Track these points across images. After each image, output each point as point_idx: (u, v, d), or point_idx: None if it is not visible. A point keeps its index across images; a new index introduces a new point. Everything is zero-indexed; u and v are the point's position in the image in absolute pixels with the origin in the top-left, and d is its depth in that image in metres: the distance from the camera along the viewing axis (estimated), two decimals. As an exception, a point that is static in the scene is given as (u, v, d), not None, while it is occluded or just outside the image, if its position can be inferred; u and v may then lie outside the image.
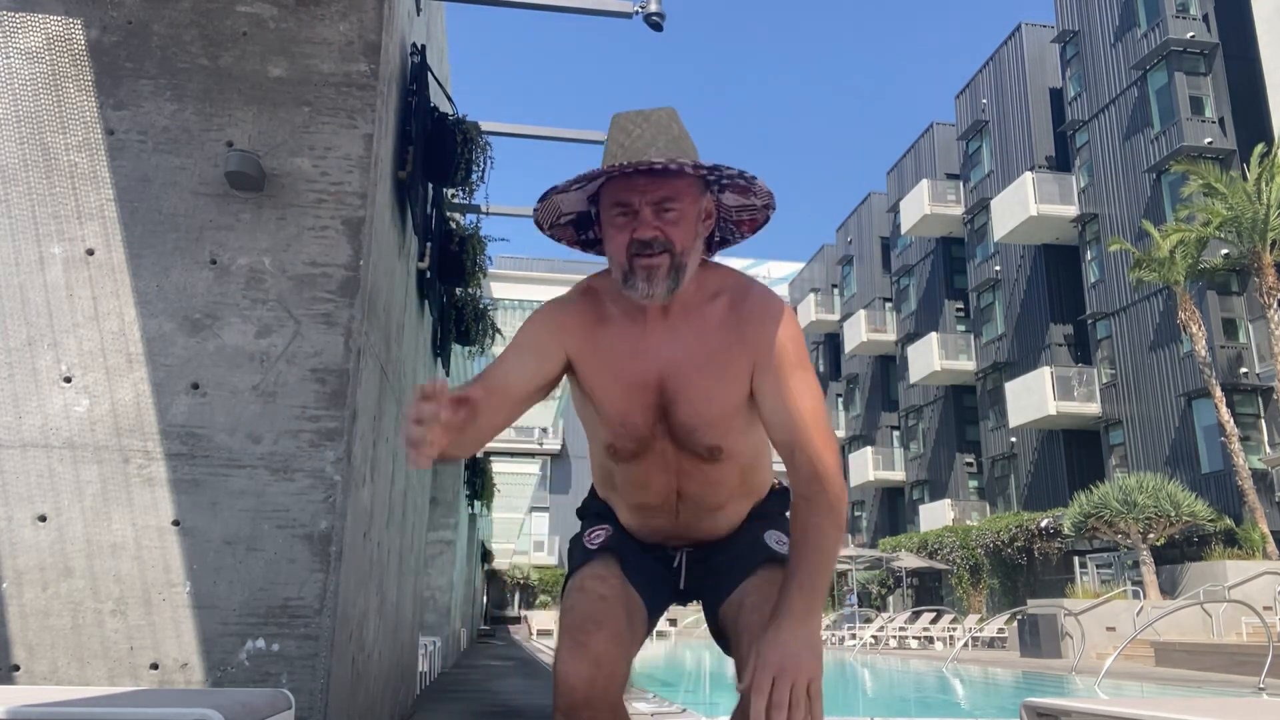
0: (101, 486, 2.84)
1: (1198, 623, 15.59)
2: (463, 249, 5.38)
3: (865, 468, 36.99)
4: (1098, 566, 23.47)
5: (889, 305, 38.89)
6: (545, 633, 35.30)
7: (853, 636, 23.18)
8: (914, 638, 22.43)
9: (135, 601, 2.77)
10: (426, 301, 5.09)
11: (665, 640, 30.19)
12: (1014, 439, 29.19)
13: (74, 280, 2.97)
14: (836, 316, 42.79)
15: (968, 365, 32.03)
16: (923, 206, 32.94)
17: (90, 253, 2.98)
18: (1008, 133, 30.58)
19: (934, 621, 23.14)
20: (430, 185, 4.68)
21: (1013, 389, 27.40)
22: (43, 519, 2.81)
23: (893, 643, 22.39)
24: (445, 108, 4.81)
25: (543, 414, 12.12)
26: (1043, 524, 24.72)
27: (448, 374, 6.62)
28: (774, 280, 49.87)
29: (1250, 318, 22.08)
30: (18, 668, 2.72)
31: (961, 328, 33.36)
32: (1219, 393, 19.42)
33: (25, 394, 2.88)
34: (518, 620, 39.31)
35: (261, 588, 2.79)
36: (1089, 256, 26.96)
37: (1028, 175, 27.31)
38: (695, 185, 1.67)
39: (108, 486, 2.84)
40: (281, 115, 3.14)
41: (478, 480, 13.67)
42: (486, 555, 28.00)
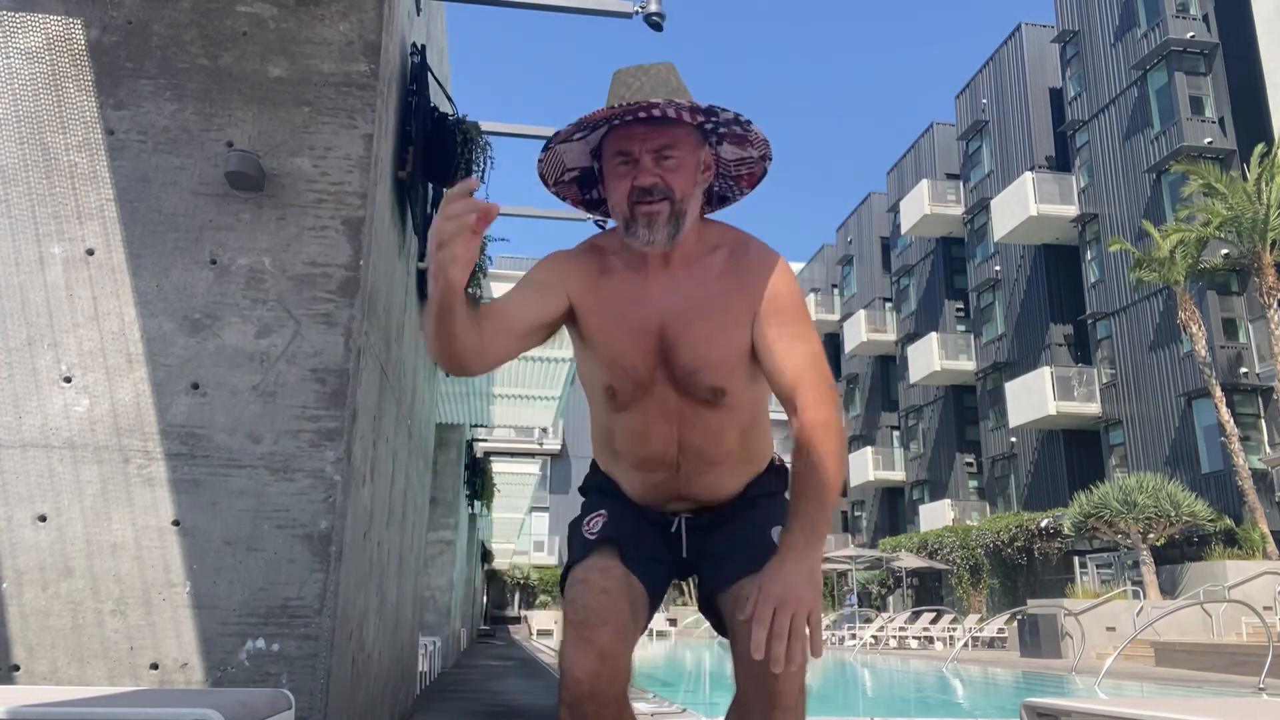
0: (101, 486, 2.84)
1: (1198, 623, 15.60)
2: (463, 249, 5.37)
3: (865, 468, 36.99)
4: (1098, 566, 23.47)
5: (889, 305, 38.89)
6: (545, 633, 35.30)
7: (853, 636, 23.18)
8: (914, 638, 22.43)
9: (135, 601, 2.77)
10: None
11: (665, 640, 30.18)
12: (1014, 439, 29.19)
13: (74, 280, 2.97)
14: (836, 316, 42.79)
15: (968, 365, 32.03)
16: (923, 206, 32.94)
17: (90, 253, 2.98)
18: (1008, 133, 30.58)
19: (934, 621, 23.14)
20: (430, 185, 4.68)
21: (1013, 389, 27.40)
22: (43, 519, 2.81)
23: (893, 643, 22.40)
24: (445, 108, 4.81)
25: (543, 414, 12.10)
26: (1043, 524, 24.72)
27: (447, 374, 6.62)
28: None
29: (1250, 318, 22.08)
30: (18, 668, 2.72)
31: (961, 328, 33.37)
32: (1219, 393, 19.42)
33: (25, 394, 2.88)
34: (518, 620, 39.32)
35: (261, 588, 2.79)
36: (1089, 256, 26.97)
37: (1028, 175, 27.31)
38: (693, 135, 1.73)
39: (108, 486, 2.84)
40: (281, 115, 3.14)
41: (478, 480, 13.67)
42: (486, 555, 28.03)
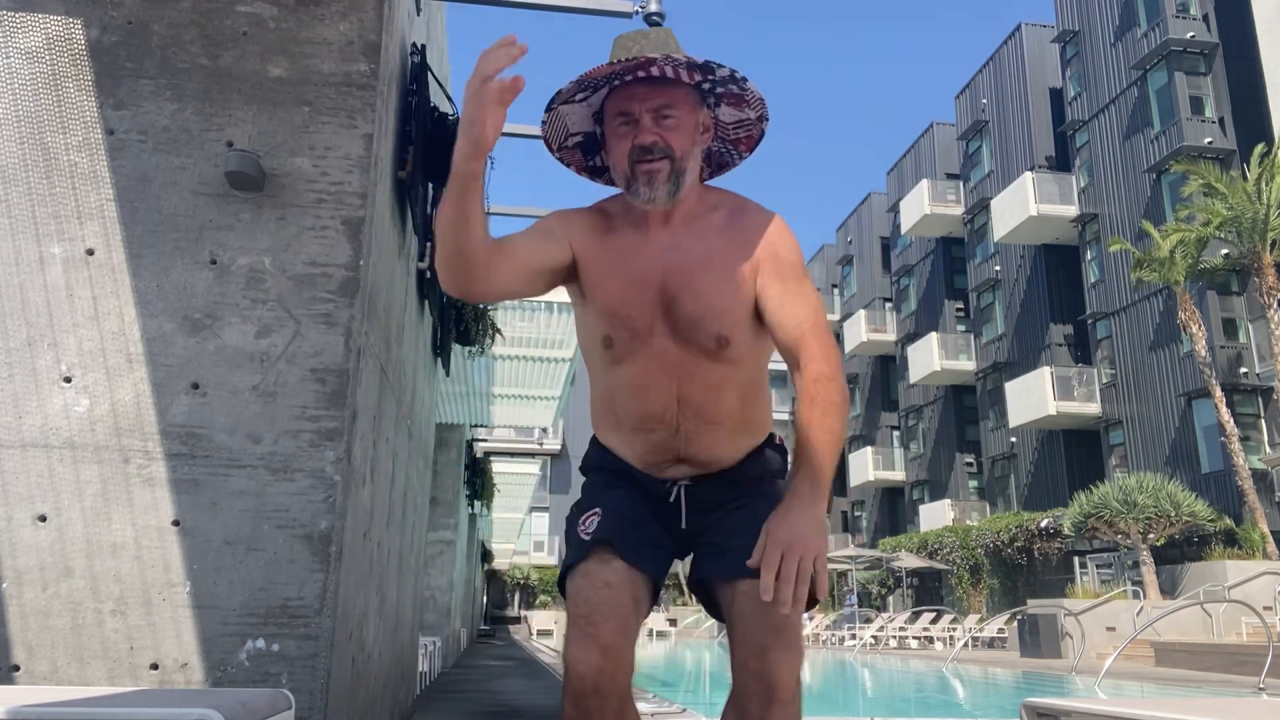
0: (101, 486, 2.84)
1: (1198, 623, 15.60)
2: (463, 249, 5.37)
3: (865, 468, 36.99)
4: (1098, 566, 23.47)
5: (889, 305, 38.90)
6: (545, 633, 35.30)
7: (853, 636, 23.18)
8: (914, 638, 22.43)
9: (135, 601, 2.77)
10: (426, 301, 5.10)
11: (665, 640, 30.18)
12: (1014, 439, 29.20)
13: (74, 280, 2.97)
14: (836, 316, 42.79)
15: (968, 365, 32.03)
16: (923, 206, 32.95)
17: (90, 253, 2.98)
18: (1008, 133, 30.59)
19: (934, 621, 23.14)
20: (430, 185, 4.68)
21: (1013, 389, 27.41)
22: (43, 519, 2.81)
23: (893, 643, 22.39)
24: (445, 108, 4.81)
25: (543, 414, 12.11)
26: (1043, 524, 24.73)
27: (448, 374, 6.63)
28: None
29: (1250, 318, 22.08)
30: (18, 668, 2.72)
31: (961, 328, 33.37)
32: (1219, 393, 19.43)
33: (25, 394, 2.88)
34: (518, 620, 39.33)
35: (261, 588, 2.79)
36: (1089, 256, 26.97)
37: (1028, 175, 27.32)
38: (691, 95, 1.78)
39: (108, 486, 2.84)
40: (281, 115, 3.14)
41: (478, 480, 13.67)
42: (486, 555, 28.03)
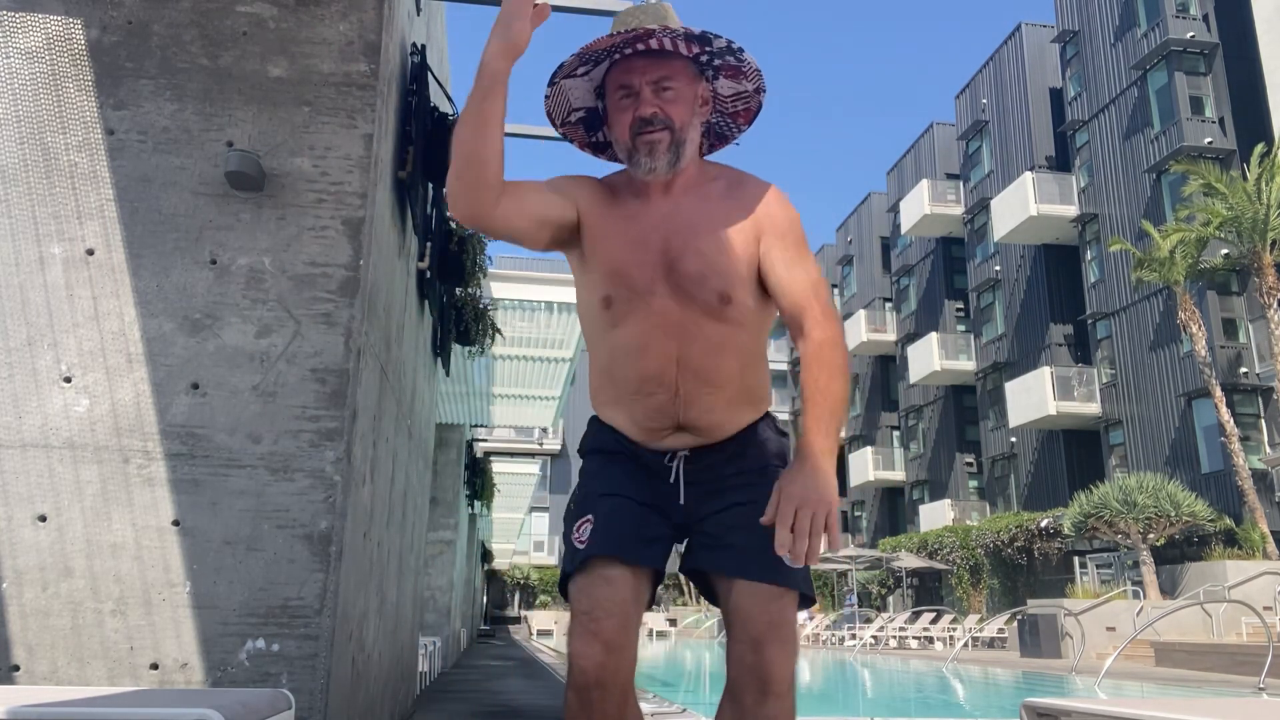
0: (101, 486, 2.84)
1: (1198, 623, 15.60)
2: (463, 249, 5.38)
3: (865, 468, 36.98)
4: (1098, 566, 23.46)
5: (889, 305, 38.89)
6: (545, 633, 35.31)
7: (853, 636, 23.18)
8: (914, 638, 22.42)
9: (135, 601, 2.77)
10: (426, 301, 5.10)
11: (665, 640, 30.18)
12: (1014, 439, 29.19)
13: (74, 280, 2.97)
14: (836, 316, 42.74)
15: (968, 365, 32.03)
16: (923, 206, 32.94)
17: (90, 253, 2.98)
18: (1008, 133, 30.59)
19: (934, 622, 23.13)
20: (430, 185, 4.68)
21: (1013, 389, 27.40)
22: (43, 519, 2.81)
23: (893, 643, 22.39)
24: (445, 108, 4.81)
25: (543, 414, 12.12)
26: (1043, 524, 24.72)
27: (448, 374, 6.63)
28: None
29: (1250, 318, 22.08)
30: (18, 668, 2.72)
31: (961, 328, 33.36)
32: (1219, 393, 19.42)
33: (25, 394, 2.88)
34: (518, 620, 39.34)
35: (261, 588, 2.79)
36: (1089, 256, 26.97)
37: (1028, 175, 27.31)
38: (690, 68, 1.83)
39: (108, 486, 2.84)
40: (281, 115, 3.14)
41: (478, 480, 13.67)
42: (486, 555, 28.02)
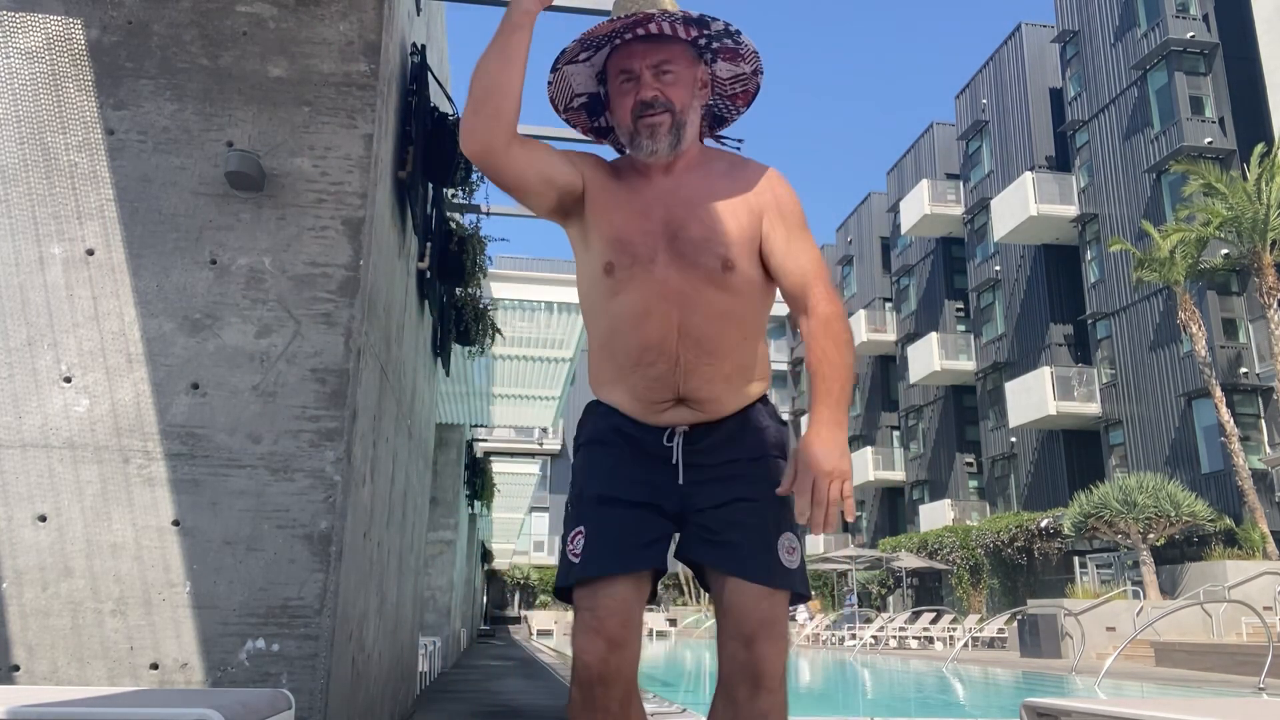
0: (101, 486, 2.84)
1: (1198, 623, 15.59)
2: (463, 249, 5.38)
3: (865, 468, 36.96)
4: (1098, 566, 23.46)
5: (889, 305, 38.88)
6: (545, 633, 35.30)
7: (853, 636, 23.17)
8: (914, 638, 22.42)
9: (135, 601, 2.77)
10: (426, 301, 5.10)
11: (665, 640, 30.18)
12: (1014, 439, 29.19)
13: (74, 280, 2.97)
14: (836, 316, 42.72)
15: (968, 365, 32.02)
16: (923, 206, 32.94)
17: (90, 253, 2.98)
18: (1008, 133, 30.58)
19: (934, 621, 23.13)
20: (430, 185, 4.68)
21: (1013, 389, 27.40)
22: (43, 519, 2.81)
23: (893, 643, 22.39)
24: (445, 108, 4.81)
25: (543, 414, 12.12)
26: (1043, 524, 24.72)
27: (448, 374, 6.63)
28: (774, 280, 49.76)
29: (1250, 318, 22.08)
30: (18, 668, 2.72)
31: (961, 328, 33.36)
32: (1219, 393, 19.42)
33: (25, 394, 2.88)
34: (518, 620, 39.34)
35: (261, 588, 2.79)
36: (1089, 256, 26.97)
37: (1028, 175, 27.31)
38: (689, 52, 1.88)
39: (108, 486, 2.84)
40: (281, 115, 3.14)
41: (478, 480, 13.67)
42: (486, 555, 28.02)
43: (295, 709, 2.50)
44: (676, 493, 1.82)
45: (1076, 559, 24.15)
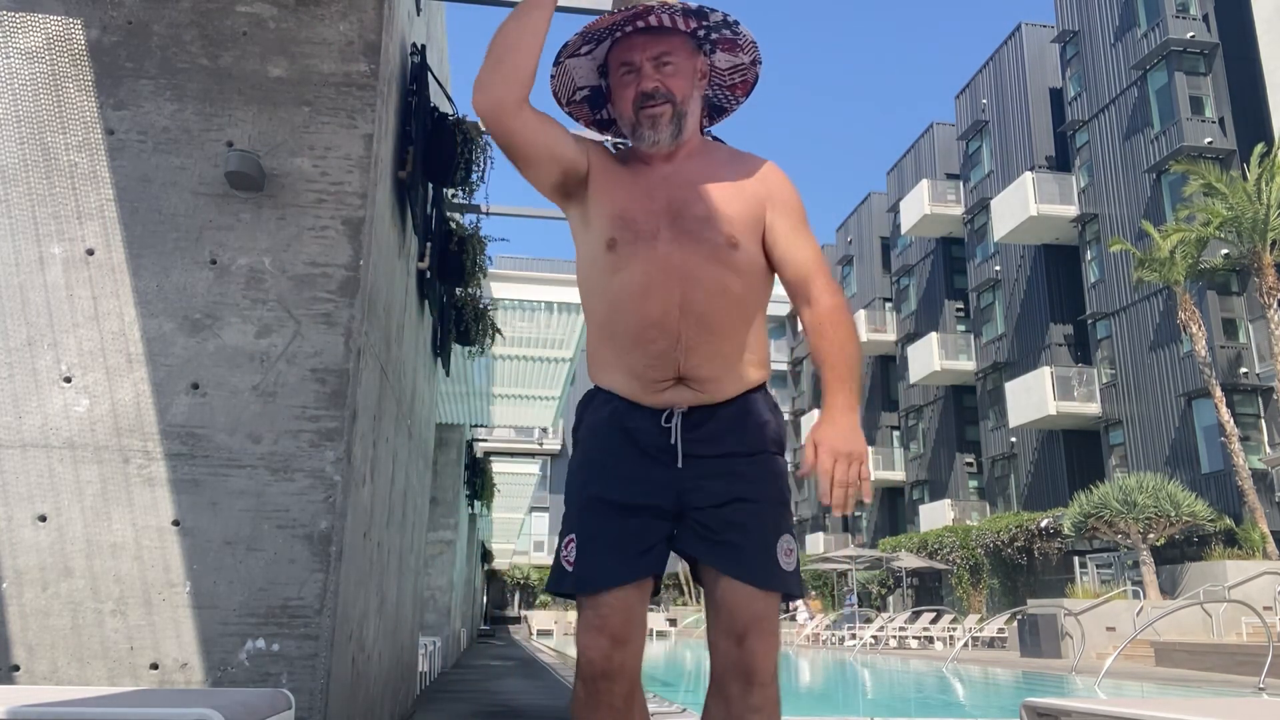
0: (101, 486, 2.84)
1: (1198, 623, 15.59)
2: (463, 249, 5.38)
3: (865, 468, 36.89)
4: (1098, 566, 23.46)
5: (889, 305, 38.88)
6: (545, 632, 35.31)
7: (853, 636, 23.17)
8: (914, 638, 22.42)
9: (135, 601, 2.77)
10: (426, 301, 5.10)
11: (665, 640, 30.18)
12: (1014, 439, 29.19)
13: (74, 280, 2.97)
14: (836, 316, 42.70)
15: (968, 365, 32.02)
16: (923, 206, 32.93)
17: (90, 253, 2.98)
18: (1008, 133, 30.58)
19: (934, 621, 23.13)
20: (430, 185, 4.68)
21: (1013, 389, 27.39)
22: (43, 519, 2.81)
23: (893, 643, 22.39)
24: (445, 108, 4.81)
25: (543, 414, 12.11)
26: (1043, 524, 24.72)
27: (448, 374, 6.63)
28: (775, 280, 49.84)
29: (1250, 318, 22.08)
30: (18, 668, 2.72)
31: (961, 328, 33.36)
32: (1219, 393, 19.42)
33: (25, 394, 2.88)
34: (518, 620, 39.34)
35: (261, 588, 2.79)
36: (1089, 256, 26.97)
37: (1028, 175, 27.31)
38: (688, 43, 1.91)
39: (108, 486, 2.84)
40: (281, 115, 3.14)
41: (478, 480, 13.66)
42: (486, 555, 28.02)
43: (295, 709, 2.50)
44: (675, 488, 1.80)
45: (1076, 559, 24.15)
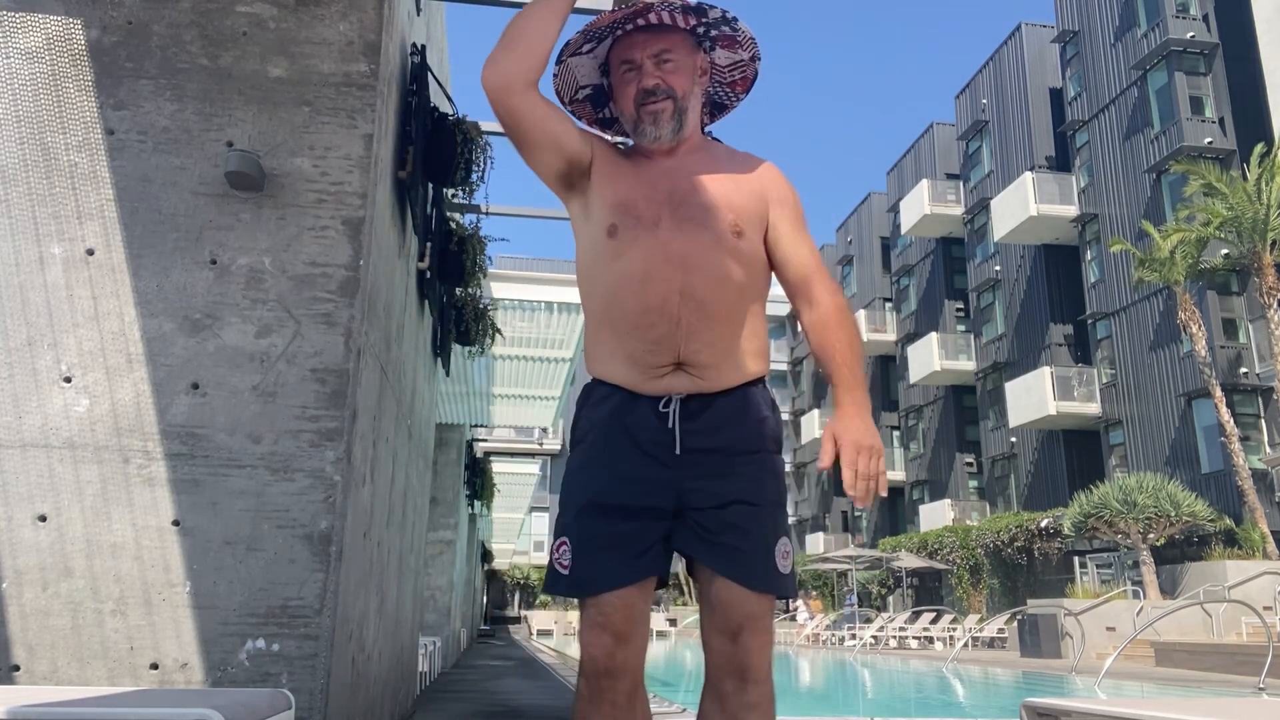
0: (101, 486, 2.84)
1: (1198, 623, 15.59)
2: (463, 249, 5.38)
3: (865, 468, 36.89)
4: (1098, 566, 23.46)
5: (889, 305, 38.88)
6: (545, 632, 35.30)
7: (853, 636, 23.17)
8: (914, 638, 22.42)
9: (135, 601, 2.77)
10: (426, 301, 5.10)
11: (665, 640, 30.17)
12: (1014, 439, 29.18)
13: (74, 280, 2.97)
14: (836, 316, 42.68)
15: (968, 365, 32.02)
16: (923, 206, 32.93)
17: (90, 253, 2.98)
18: (1008, 133, 30.58)
19: (934, 621, 23.13)
20: (430, 185, 4.68)
21: (1013, 389, 27.39)
22: (43, 519, 2.81)
23: (893, 643, 22.39)
24: (445, 108, 4.81)
25: (543, 414, 12.11)
26: (1043, 524, 24.72)
27: (448, 374, 6.63)
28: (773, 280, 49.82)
29: (1250, 318, 22.08)
30: (18, 668, 2.72)
31: (961, 328, 33.36)
32: (1219, 393, 19.42)
33: (25, 394, 2.88)
34: (518, 620, 39.34)
35: (261, 588, 2.79)
36: (1089, 256, 26.97)
37: (1028, 175, 27.31)
38: (688, 40, 1.94)
39: (108, 486, 2.84)
40: (281, 115, 3.14)
41: (478, 480, 13.66)
42: (486, 555, 28.02)
43: (295, 709, 2.50)
44: (674, 488, 1.79)
45: (1076, 559, 24.15)
